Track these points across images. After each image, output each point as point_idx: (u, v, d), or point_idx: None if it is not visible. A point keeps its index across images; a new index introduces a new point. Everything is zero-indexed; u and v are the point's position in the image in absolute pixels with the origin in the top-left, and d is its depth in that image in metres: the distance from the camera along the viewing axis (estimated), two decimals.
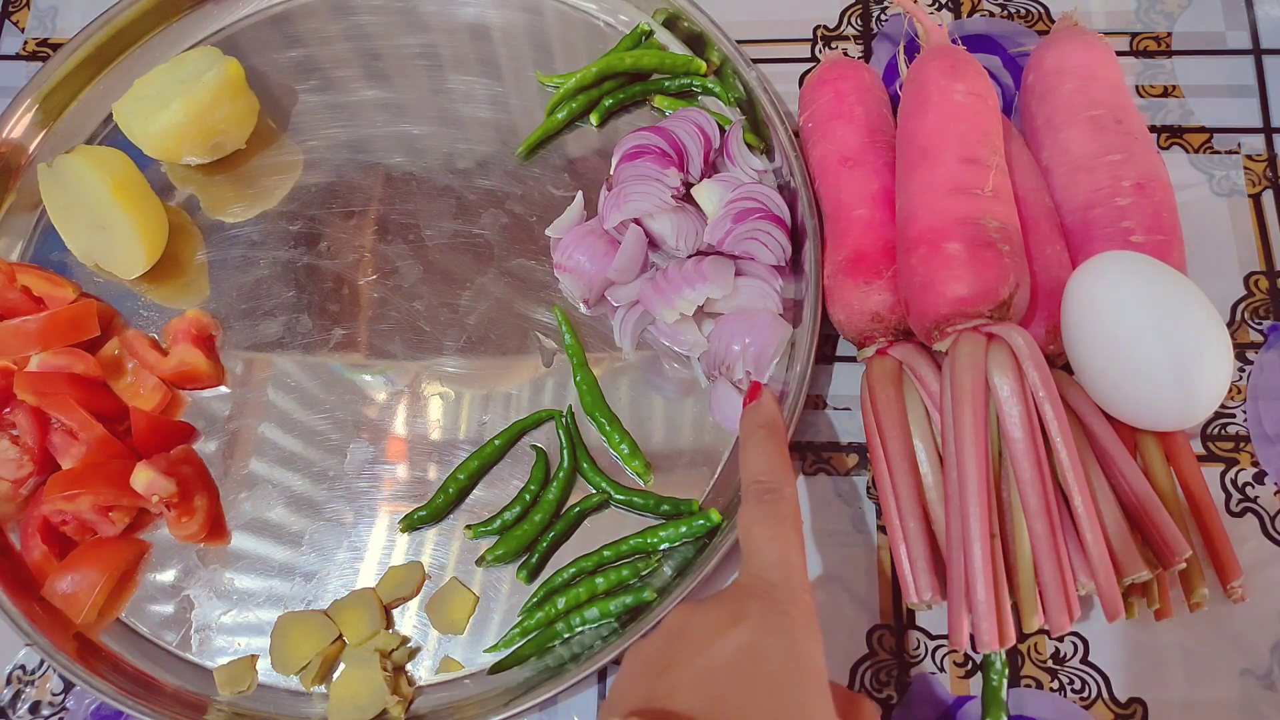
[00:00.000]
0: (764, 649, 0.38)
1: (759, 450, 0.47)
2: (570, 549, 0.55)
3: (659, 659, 0.39)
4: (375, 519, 0.57)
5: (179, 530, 0.56)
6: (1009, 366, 0.46)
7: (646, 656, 0.40)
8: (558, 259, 0.59)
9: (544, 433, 0.58)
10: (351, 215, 0.64)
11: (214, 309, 0.62)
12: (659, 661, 0.39)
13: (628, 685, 0.40)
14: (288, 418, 0.60)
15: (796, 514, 0.45)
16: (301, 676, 0.54)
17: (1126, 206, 0.52)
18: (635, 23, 0.67)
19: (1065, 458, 0.45)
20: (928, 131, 0.52)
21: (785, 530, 0.43)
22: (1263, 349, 0.57)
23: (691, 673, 0.38)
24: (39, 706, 0.55)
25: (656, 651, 0.40)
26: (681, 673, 0.38)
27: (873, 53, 0.66)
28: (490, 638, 0.54)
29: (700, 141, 0.59)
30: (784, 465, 0.47)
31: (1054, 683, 0.51)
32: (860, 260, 0.54)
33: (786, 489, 0.45)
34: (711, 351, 0.57)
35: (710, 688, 0.37)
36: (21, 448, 0.57)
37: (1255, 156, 0.61)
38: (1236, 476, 0.54)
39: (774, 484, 0.45)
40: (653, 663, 0.39)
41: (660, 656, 0.39)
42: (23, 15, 0.73)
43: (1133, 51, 0.64)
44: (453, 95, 0.67)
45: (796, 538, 0.43)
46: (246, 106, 0.64)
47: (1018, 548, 0.46)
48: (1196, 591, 0.48)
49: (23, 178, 0.66)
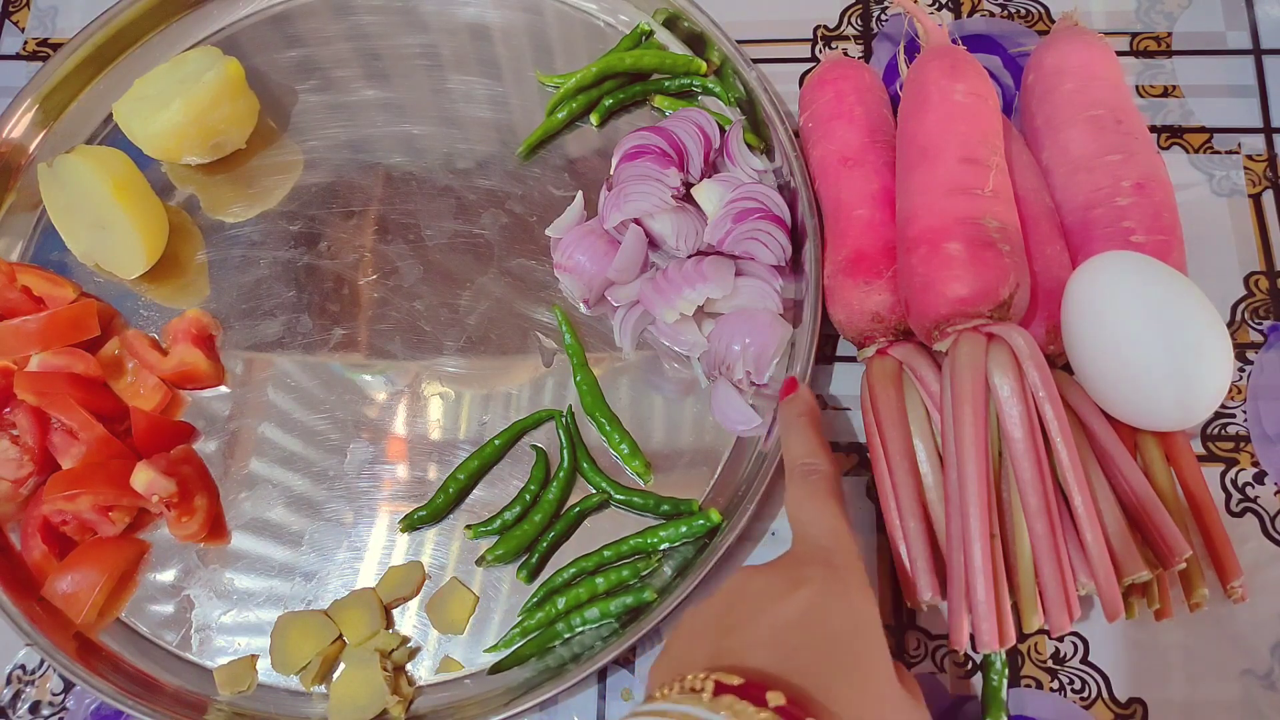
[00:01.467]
0: (826, 610, 0.40)
1: (800, 435, 0.50)
2: (570, 549, 0.55)
3: (720, 621, 0.41)
4: (375, 519, 0.57)
5: (179, 530, 0.56)
6: (1009, 366, 0.46)
7: (705, 619, 0.42)
8: (558, 259, 0.59)
9: (544, 433, 0.58)
10: (351, 215, 0.64)
11: (214, 309, 0.62)
12: (720, 623, 0.41)
13: (687, 646, 0.41)
14: (288, 418, 0.60)
15: (840, 490, 0.48)
16: (301, 676, 0.54)
17: (1126, 206, 0.52)
18: (635, 23, 0.67)
19: (1065, 458, 0.45)
20: (928, 131, 0.52)
21: (832, 504, 0.46)
22: (1263, 349, 0.57)
23: (758, 633, 0.39)
24: (39, 706, 0.55)
25: (716, 614, 0.41)
26: (747, 633, 0.39)
27: (873, 53, 0.66)
28: (490, 638, 0.54)
29: (700, 141, 0.59)
30: (825, 448, 0.49)
31: (1054, 683, 0.51)
32: (860, 260, 0.53)
33: (829, 468, 0.48)
34: (711, 351, 0.57)
35: (778, 646, 0.38)
36: (21, 448, 0.57)
37: (1255, 156, 0.61)
38: (1236, 476, 0.54)
39: (817, 464, 0.48)
40: (713, 624, 0.41)
41: (721, 618, 0.41)
42: (23, 15, 0.73)
43: (1133, 51, 0.64)
44: (453, 95, 0.67)
45: (843, 511, 0.46)
46: (246, 106, 0.64)
47: (1018, 548, 0.46)
48: (1196, 591, 0.48)
49: (23, 178, 0.66)
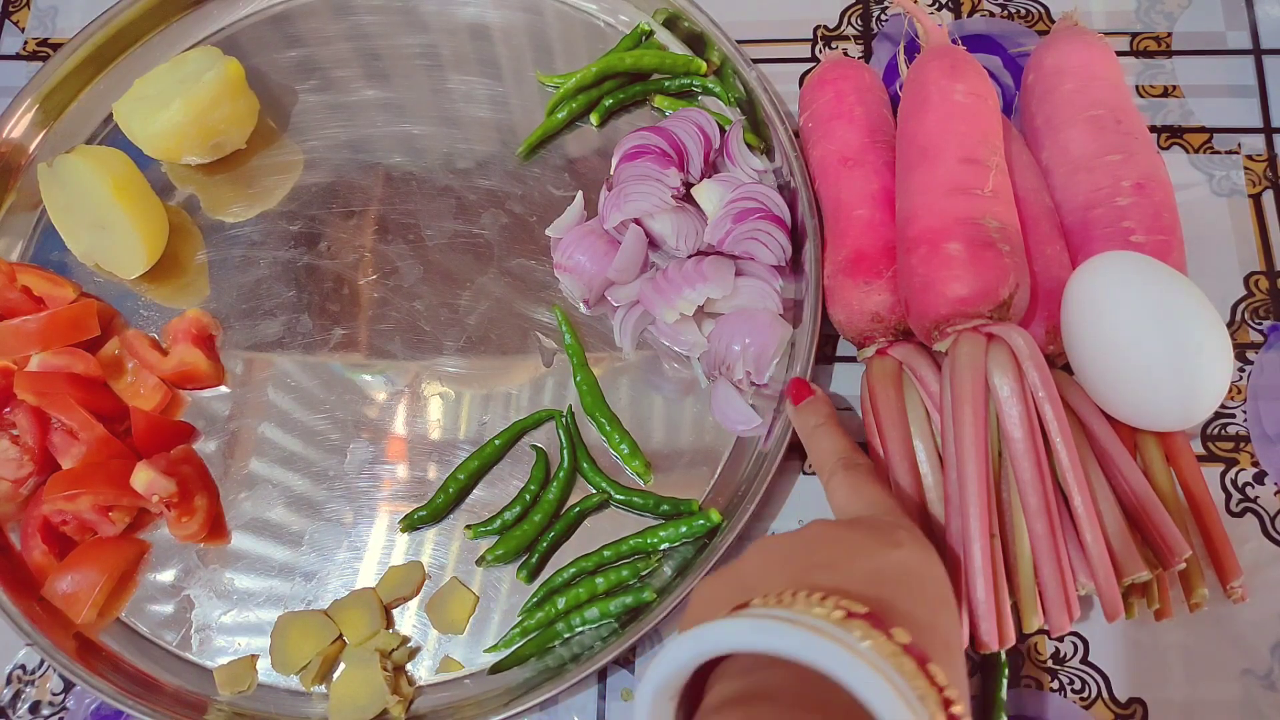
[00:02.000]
0: (922, 572, 0.39)
1: (829, 436, 0.49)
2: (570, 549, 0.55)
3: (805, 556, 0.39)
4: (375, 519, 0.57)
5: (179, 530, 0.56)
6: (1009, 366, 0.46)
7: (784, 551, 0.40)
8: (558, 259, 0.59)
9: (544, 433, 0.58)
10: (351, 215, 0.64)
11: (214, 309, 0.62)
12: (807, 559, 0.39)
13: (761, 571, 0.39)
14: (288, 418, 0.60)
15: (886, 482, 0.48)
16: (301, 676, 0.54)
17: (1126, 206, 0.52)
18: (635, 23, 0.67)
19: (1065, 458, 0.45)
20: (928, 131, 0.52)
21: (884, 490, 0.46)
22: (1263, 349, 0.57)
23: (855, 575, 0.38)
24: (39, 706, 0.55)
25: (798, 550, 0.40)
26: (843, 572, 0.38)
27: (873, 53, 0.66)
28: (490, 638, 0.54)
29: (700, 141, 0.59)
30: (854, 444, 0.49)
31: (1054, 683, 0.51)
32: (860, 260, 0.53)
33: (864, 459, 0.48)
34: (711, 351, 0.57)
35: (880, 588, 0.37)
36: (21, 448, 0.57)
37: (1255, 156, 0.61)
38: (1236, 476, 0.54)
39: (853, 458, 0.47)
40: (798, 558, 0.39)
41: (806, 555, 0.39)
42: (23, 15, 0.73)
43: (1133, 51, 0.64)
44: (453, 95, 0.67)
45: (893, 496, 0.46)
46: (246, 106, 0.64)
47: (1018, 548, 0.46)
48: (1196, 591, 0.48)
49: (23, 178, 0.66)
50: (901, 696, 0.31)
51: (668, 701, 0.35)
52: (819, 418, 0.51)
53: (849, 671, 0.31)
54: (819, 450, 0.49)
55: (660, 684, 0.34)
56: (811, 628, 0.32)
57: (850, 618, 0.34)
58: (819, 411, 0.51)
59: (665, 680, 0.34)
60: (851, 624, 0.33)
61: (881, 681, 0.31)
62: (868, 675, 0.31)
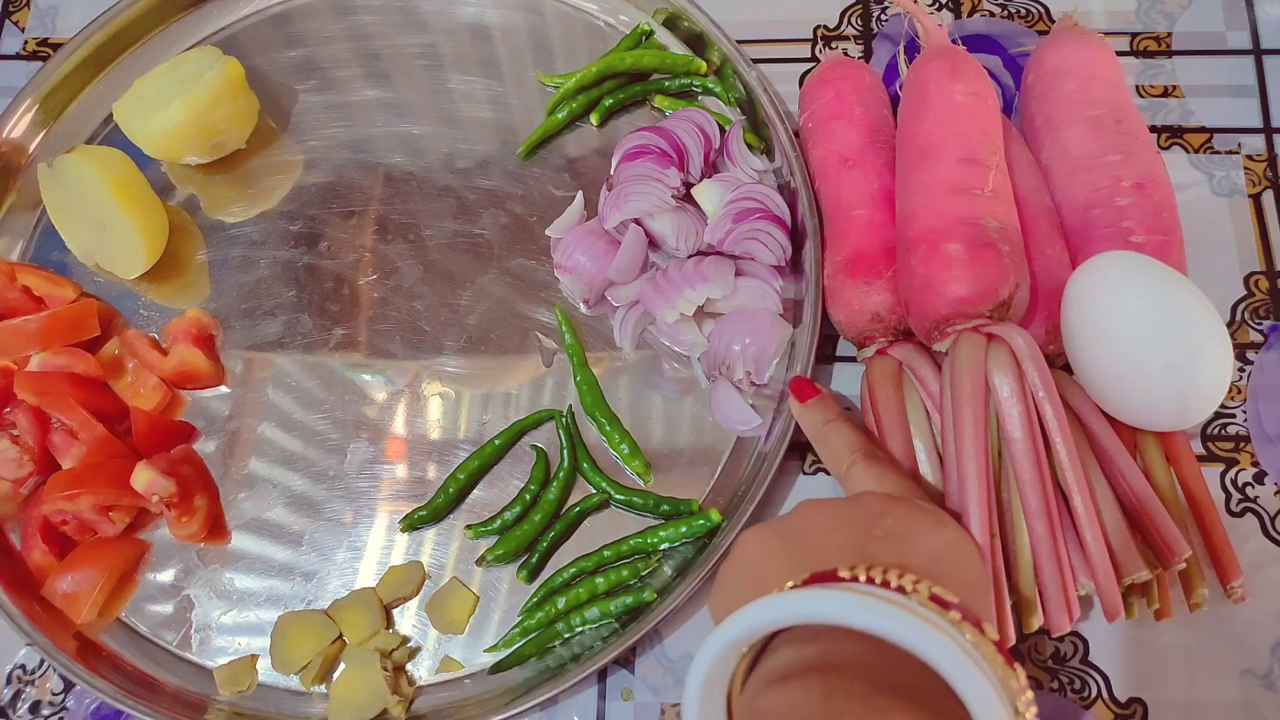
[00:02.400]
0: (967, 554, 0.41)
1: (842, 433, 0.49)
2: (570, 549, 0.55)
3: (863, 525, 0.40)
4: (375, 519, 0.57)
5: (179, 530, 0.56)
6: (1009, 366, 0.46)
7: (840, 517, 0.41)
8: (558, 259, 0.59)
9: (544, 433, 0.58)
10: (351, 215, 0.64)
11: (214, 309, 0.62)
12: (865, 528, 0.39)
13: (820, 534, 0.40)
14: (288, 418, 0.60)
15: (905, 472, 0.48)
16: (301, 676, 0.54)
17: (1126, 206, 0.52)
18: (635, 23, 0.67)
19: (1065, 458, 0.45)
20: (927, 131, 0.52)
21: (906, 478, 0.46)
22: (1263, 349, 0.57)
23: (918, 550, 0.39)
24: (39, 706, 0.55)
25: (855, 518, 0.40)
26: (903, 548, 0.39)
27: (873, 53, 0.66)
28: (490, 638, 0.54)
29: (700, 141, 0.59)
30: (867, 438, 0.49)
31: (1054, 683, 0.51)
32: (860, 260, 0.53)
33: (882, 450, 0.48)
34: (711, 351, 0.57)
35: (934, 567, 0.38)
36: (22, 448, 0.57)
37: (1255, 156, 0.61)
38: (1236, 476, 0.54)
39: (872, 449, 0.47)
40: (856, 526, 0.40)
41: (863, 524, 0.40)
42: (23, 15, 0.73)
43: (1133, 51, 0.64)
44: (453, 95, 0.67)
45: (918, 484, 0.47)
46: (246, 106, 0.64)
47: (1018, 548, 0.46)
48: (1196, 591, 0.48)
49: (23, 178, 0.66)
50: (999, 697, 0.31)
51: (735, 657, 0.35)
52: (828, 414, 0.50)
53: (953, 665, 0.31)
54: (833, 445, 0.49)
55: (738, 638, 0.34)
56: (919, 615, 0.32)
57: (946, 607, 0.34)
58: (828, 409, 0.51)
59: (746, 634, 0.34)
60: (949, 614, 0.34)
61: (984, 681, 0.31)
62: (972, 672, 0.31)
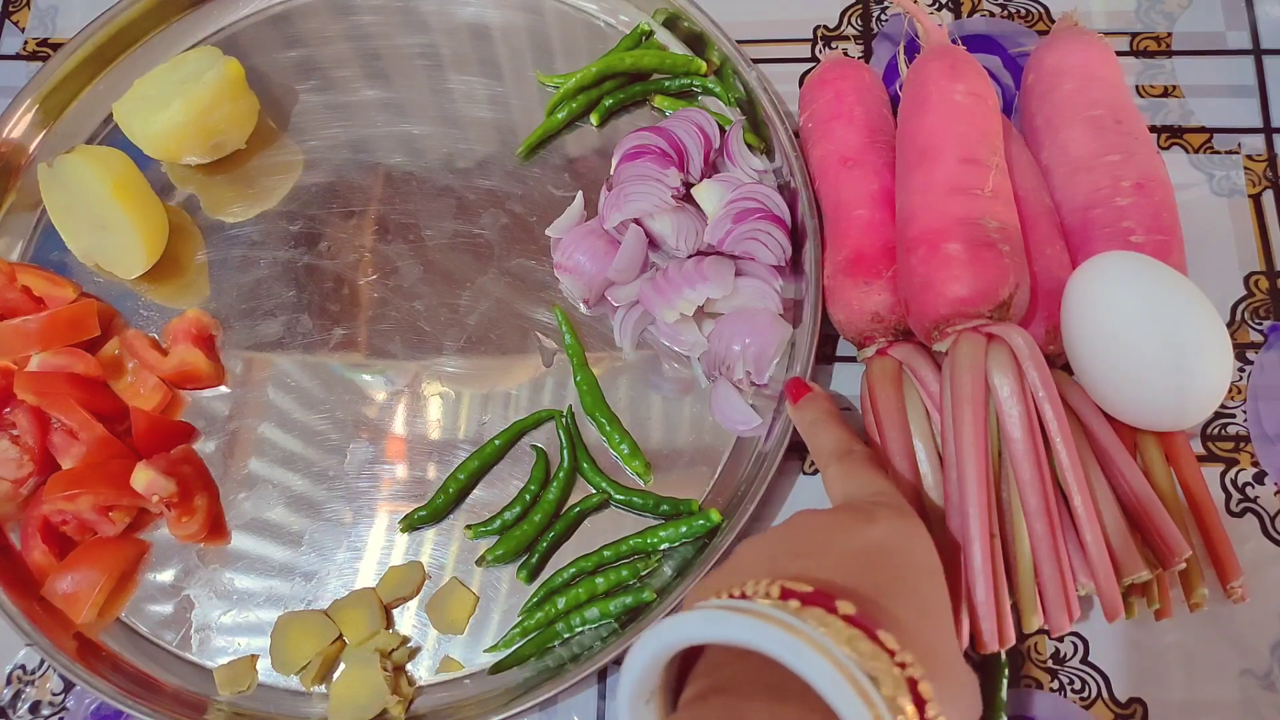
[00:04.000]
0: (898, 546, 0.40)
1: (825, 429, 0.49)
2: (570, 549, 0.55)
3: (784, 548, 0.39)
4: (375, 519, 0.57)
5: (179, 530, 0.56)
6: (1009, 366, 0.46)
7: (766, 547, 0.40)
8: (558, 259, 0.59)
9: (544, 433, 0.58)
10: (351, 215, 0.64)
11: (214, 309, 0.62)
12: (785, 549, 0.39)
13: (746, 568, 0.39)
14: (288, 418, 0.60)
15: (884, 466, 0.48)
16: (301, 676, 0.54)
17: (1126, 206, 0.52)
18: (635, 23, 0.67)
19: (1065, 458, 0.45)
20: (927, 132, 0.52)
21: (877, 472, 0.46)
22: (1263, 349, 0.57)
23: (827, 559, 0.38)
24: (39, 706, 0.55)
25: (778, 542, 0.40)
26: (814, 560, 0.38)
27: (873, 53, 0.66)
28: (490, 638, 0.54)
29: (700, 141, 0.59)
30: (851, 434, 0.49)
31: (1054, 683, 0.51)
32: (860, 260, 0.53)
33: (860, 447, 0.48)
34: (711, 351, 0.57)
35: (848, 572, 0.37)
36: (22, 448, 0.57)
37: (1255, 156, 0.61)
38: (1236, 476, 0.54)
39: (848, 447, 0.47)
40: (777, 551, 0.40)
41: (785, 546, 0.40)
42: (23, 15, 0.73)
43: (1133, 51, 0.64)
44: (453, 95, 0.67)
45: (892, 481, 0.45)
46: (246, 106, 0.64)
47: (1018, 548, 0.46)
48: (1196, 591, 0.48)
49: (23, 178, 0.66)
50: (839, 667, 0.30)
51: (644, 704, 0.35)
52: (816, 413, 0.50)
53: (790, 651, 0.30)
54: (817, 444, 0.49)
55: (632, 687, 0.34)
56: (754, 612, 0.32)
57: (788, 596, 0.34)
58: (817, 407, 0.51)
59: (636, 682, 0.34)
60: (788, 605, 0.33)
61: (815, 654, 0.30)
62: (805, 652, 0.30)
